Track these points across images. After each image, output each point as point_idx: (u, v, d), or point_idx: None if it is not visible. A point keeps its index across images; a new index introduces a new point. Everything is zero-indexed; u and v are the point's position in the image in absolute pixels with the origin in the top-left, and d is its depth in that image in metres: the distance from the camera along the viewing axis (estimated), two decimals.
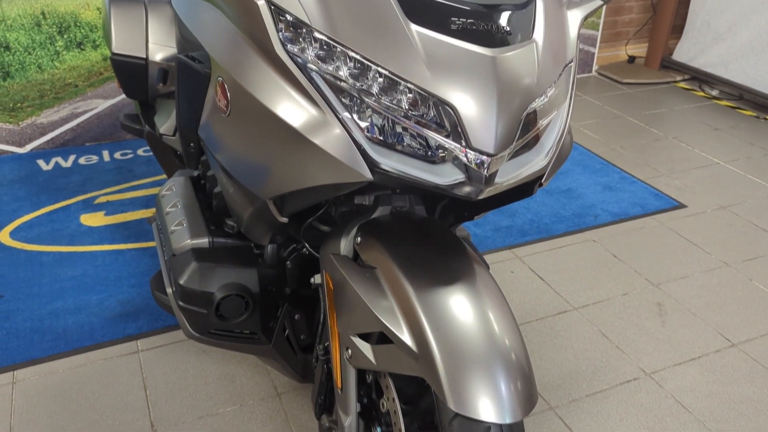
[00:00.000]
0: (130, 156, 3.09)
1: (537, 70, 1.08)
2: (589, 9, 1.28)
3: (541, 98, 1.10)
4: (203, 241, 1.47)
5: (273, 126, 1.07)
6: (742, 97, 3.91)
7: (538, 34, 1.10)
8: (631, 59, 4.45)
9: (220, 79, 1.16)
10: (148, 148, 3.16)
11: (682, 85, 4.18)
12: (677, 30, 4.35)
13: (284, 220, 1.23)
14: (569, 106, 1.21)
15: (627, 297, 2.24)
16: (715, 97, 3.98)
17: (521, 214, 2.69)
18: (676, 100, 3.96)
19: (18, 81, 2.95)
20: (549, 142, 1.16)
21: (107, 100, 3.15)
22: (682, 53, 4.22)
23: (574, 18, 1.24)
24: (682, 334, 2.07)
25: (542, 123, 1.13)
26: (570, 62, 1.20)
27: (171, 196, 1.63)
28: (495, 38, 1.03)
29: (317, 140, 1.03)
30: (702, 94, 4.05)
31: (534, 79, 1.07)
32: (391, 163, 1.03)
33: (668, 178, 3.02)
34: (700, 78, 4.12)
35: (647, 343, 2.03)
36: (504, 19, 1.05)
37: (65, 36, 2.94)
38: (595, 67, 4.33)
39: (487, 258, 2.42)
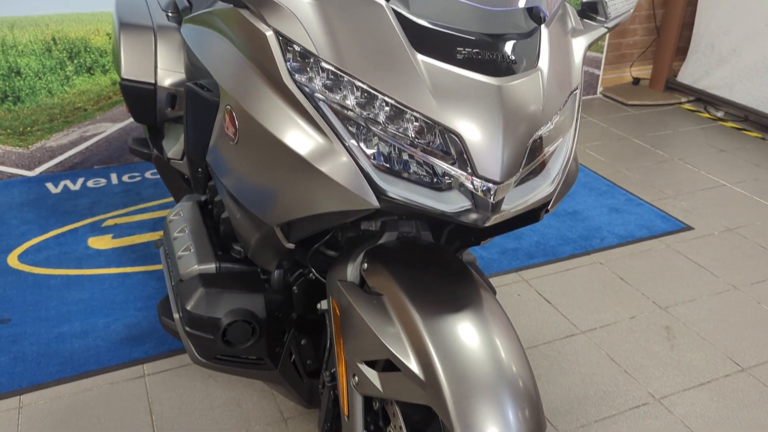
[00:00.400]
0: (138, 179, 3.12)
1: (542, 98, 1.08)
2: (594, 37, 1.30)
3: (547, 125, 1.11)
4: (210, 267, 1.48)
5: (280, 154, 1.08)
6: (747, 118, 3.91)
7: (543, 62, 1.11)
8: (636, 81, 4.47)
9: (229, 107, 1.18)
10: (155, 170, 3.18)
11: (687, 106, 4.19)
12: (681, 52, 4.37)
13: (291, 246, 1.23)
14: (575, 132, 1.21)
15: (634, 320, 2.23)
16: (720, 119, 3.99)
17: (527, 237, 2.69)
18: (681, 121, 3.97)
19: (28, 105, 2.98)
20: (555, 168, 1.16)
21: (116, 123, 3.18)
22: (687, 75, 4.24)
23: (578, 45, 1.25)
24: (691, 359, 2.06)
25: (548, 150, 1.14)
26: (575, 89, 1.21)
27: (179, 221, 1.64)
28: (500, 67, 1.04)
29: (324, 168, 1.04)
30: (707, 115, 4.06)
31: (539, 107, 1.08)
32: (398, 190, 1.03)
33: (675, 200, 3.02)
34: (705, 99, 4.13)
35: (656, 368, 2.02)
36: (509, 48, 1.06)
37: (75, 61, 2.98)
38: (599, 89, 4.35)
39: (494, 281, 2.41)
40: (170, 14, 2.18)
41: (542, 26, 1.14)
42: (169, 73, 2.06)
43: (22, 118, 2.99)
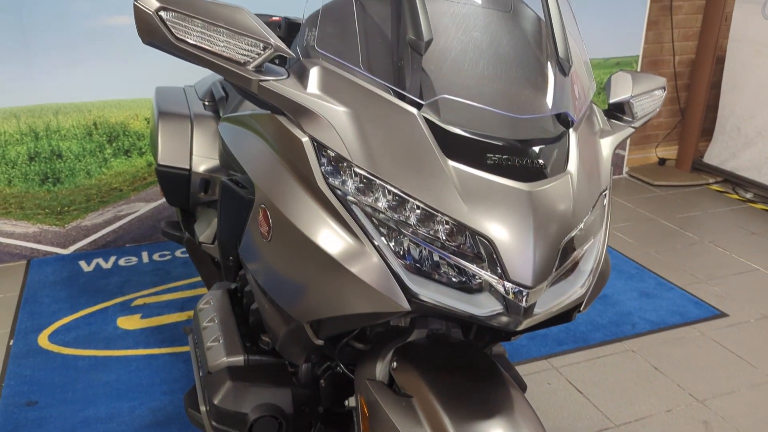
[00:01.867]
0: (168, 257, 3.17)
1: (572, 201, 1.10)
2: (622, 137, 1.32)
3: (578, 228, 1.11)
4: (239, 359, 1.48)
5: (312, 253, 1.10)
6: None
7: (572, 165, 1.13)
8: (662, 161, 4.48)
9: (263, 206, 1.21)
10: (185, 250, 3.23)
11: (715, 187, 4.17)
12: (707, 132, 4.39)
13: (320, 342, 1.23)
14: (605, 232, 1.22)
15: (671, 414, 2.15)
16: (749, 200, 3.96)
17: None
18: (709, 202, 3.94)
19: (67, 186, 3.09)
20: (587, 269, 1.16)
21: (149, 203, 3.27)
22: (713, 156, 4.24)
23: (606, 146, 1.27)
24: None
25: (579, 251, 1.14)
26: (605, 190, 1.22)
27: (208, 310, 1.65)
28: (530, 172, 1.06)
29: (355, 269, 1.05)
30: (736, 196, 4.03)
31: (570, 211, 1.09)
32: (429, 293, 1.04)
33: (707, 285, 2.96)
34: (734, 181, 4.11)
35: None
36: (538, 153, 1.09)
37: (114, 144, 3.10)
38: (625, 169, 4.37)
39: (523, 368, 2.36)
40: (207, 103, 2.27)
41: (570, 130, 1.17)
42: (203, 160, 2.13)
43: (60, 198, 3.09)
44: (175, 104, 2.25)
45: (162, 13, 1.02)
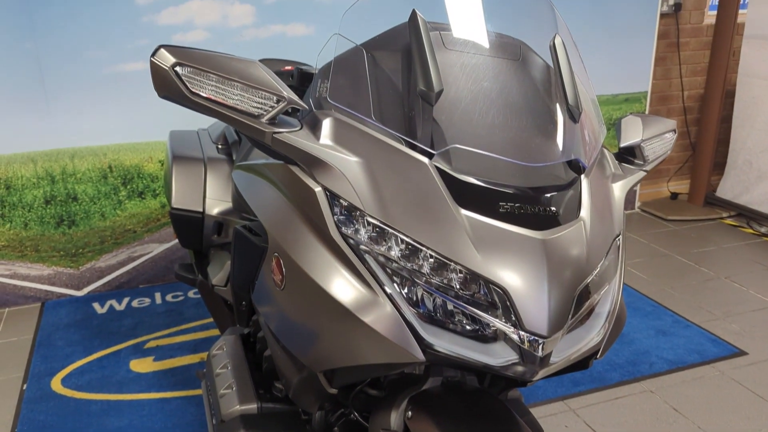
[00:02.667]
0: (181, 298, 3.17)
1: (586, 248, 1.09)
2: (633, 181, 1.32)
3: (592, 275, 1.10)
4: (252, 407, 1.47)
5: (325, 303, 1.10)
6: None
7: (585, 211, 1.13)
8: (674, 196, 4.47)
9: (276, 255, 1.21)
10: (198, 290, 3.23)
11: (729, 221, 4.14)
12: (719, 166, 4.38)
13: (333, 391, 1.22)
14: (620, 277, 1.21)
15: None
16: (764, 234, 3.92)
17: None
18: (724, 237, 3.91)
19: (81, 228, 3.12)
20: (602, 316, 1.15)
21: (162, 244, 3.29)
22: (726, 190, 4.22)
23: (618, 190, 1.27)
24: None
25: (594, 298, 1.13)
26: (618, 235, 1.21)
27: (221, 357, 1.65)
28: (543, 220, 1.06)
29: (368, 319, 1.05)
30: (750, 231, 3.99)
31: (584, 258, 1.08)
32: (443, 343, 1.03)
33: (724, 322, 2.92)
34: (747, 215, 4.08)
35: None
36: (550, 200, 1.09)
37: (128, 186, 3.14)
38: (637, 204, 4.35)
39: (539, 410, 2.32)
40: (220, 146, 2.30)
41: (582, 176, 1.17)
42: (216, 203, 2.15)
43: (75, 240, 3.12)
44: (189, 148, 2.28)
45: (177, 69, 1.04)
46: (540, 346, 1.02)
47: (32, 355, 2.70)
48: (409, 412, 1.18)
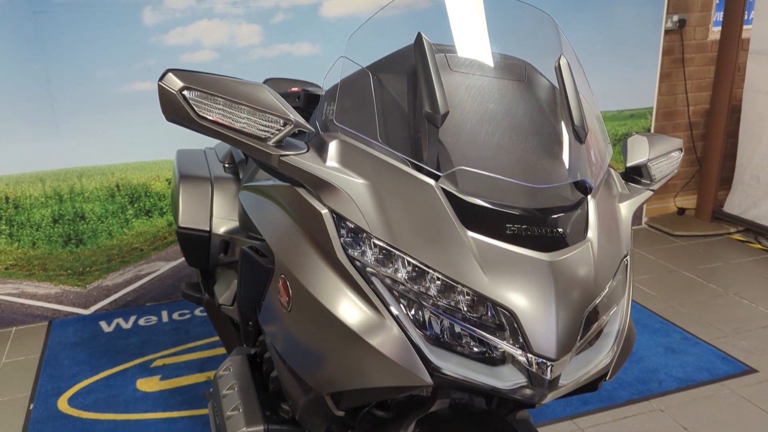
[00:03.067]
0: (188, 316, 3.17)
1: (594, 269, 1.09)
2: (640, 200, 1.32)
3: (600, 296, 1.10)
4: (258, 429, 1.46)
5: (332, 325, 1.10)
6: None
7: (592, 232, 1.13)
8: (681, 211, 4.45)
9: (283, 276, 1.21)
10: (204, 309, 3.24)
11: (737, 236, 4.12)
12: (726, 181, 4.37)
13: (341, 413, 1.22)
14: (628, 298, 1.20)
15: None
16: None
17: None
18: (732, 252, 3.89)
19: (89, 247, 3.13)
20: (611, 337, 1.15)
21: (169, 262, 3.29)
22: (734, 205, 4.20)
23: (625, 210, 1.27)
24: None
25: (603, 319, 1.12)
26: (626, 255, 1.21)
27: (228, 377, 1.64)
28: (550, 241, 1.06)
29: (374, 341, 1.05)
30: (759, 246, 3.97)
31: (592, 279, 1.08)
32: (451, 366, 1.03)
33: (734, 339, 2.89)
34: (755, 230, 4.06)
35: None
36: (557, 221, 1.09)
37: (135, 205, 3.16)
38: (644, 219, 4.34)
39: (548, 429, 2.30)
40: (227, 165, 2.31)
41: (589, 197, 1.17)
42: (223, 222, 2.15)
43: (82, 259, 3.13)
44: (196, 167, 2.30)
45: (185, 92, 1.05)
46: (548, 369, 1.01)
47: (39, 375, 2.70)
48: None
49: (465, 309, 1.03)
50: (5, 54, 2.80)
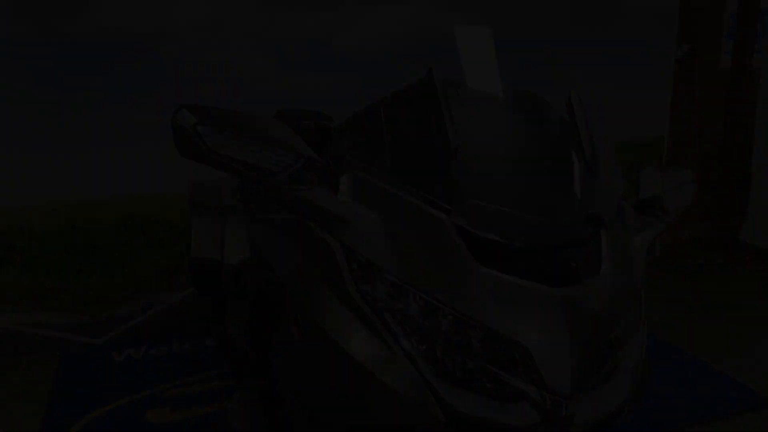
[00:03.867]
0: (199, 346, 3.16)
1: (607, 303, 1.08)
2: (653, 233, 1.31)
3: (615, 331, 1.08)
4: None
5: (342, 360, 1.09)
6: None
7: (606, 266, 1.12)
8: (695, 240, 4.40)
9: (293, 310, 1.21)
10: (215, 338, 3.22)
11: (753, 265, 4.06)
12: (740, 210, 4.32)
13: None
14: (643, 332, 1.19)
15: None
16: None
17: None
18: (747, 281, 3.83)
19: (101, 277, 3.14)
20: (626, 372, 1.13)
21: (181, 292, 3.29)
22: (749, 234, 4.16)
23: (639, 244, 1.26)
24: None
25: (618, 355, 1.11)
26: (640, 289, 1.19)
27: (238, 410, 1.63)
28: (563, 276, 1.05)
29: (386, 378, 1.03)
30: None
31: (605, 314, 1.07)
32: (464, 403, 1.01)
33: (755, 372, 2.83)
34: None
35: None
36: (570, 256, 1.08)
37: (148, 235, 3.17)
38: (658, 249, 4.30)
39: None
40: (239, 197, 2.33)
41: (602, 230, 1.16)
42: (235, 252, 2.16)
43: (94, 288, 3.14)
44: (209, 197, 2.31)
45: (199, 128, 1.06)
46: (563, 406, 0.99)
47: (50, 405, 2.68)
48: None
49: (477, 345, 1.02)
50: (22, 83, 2.85)
